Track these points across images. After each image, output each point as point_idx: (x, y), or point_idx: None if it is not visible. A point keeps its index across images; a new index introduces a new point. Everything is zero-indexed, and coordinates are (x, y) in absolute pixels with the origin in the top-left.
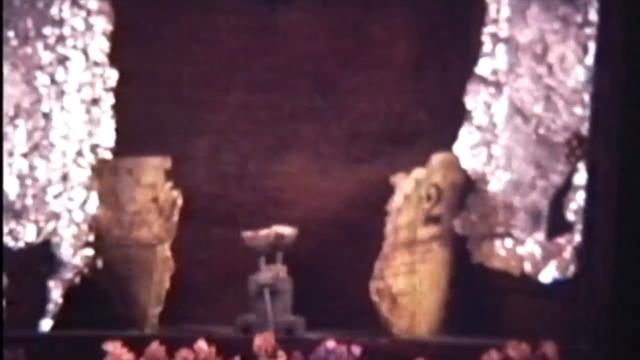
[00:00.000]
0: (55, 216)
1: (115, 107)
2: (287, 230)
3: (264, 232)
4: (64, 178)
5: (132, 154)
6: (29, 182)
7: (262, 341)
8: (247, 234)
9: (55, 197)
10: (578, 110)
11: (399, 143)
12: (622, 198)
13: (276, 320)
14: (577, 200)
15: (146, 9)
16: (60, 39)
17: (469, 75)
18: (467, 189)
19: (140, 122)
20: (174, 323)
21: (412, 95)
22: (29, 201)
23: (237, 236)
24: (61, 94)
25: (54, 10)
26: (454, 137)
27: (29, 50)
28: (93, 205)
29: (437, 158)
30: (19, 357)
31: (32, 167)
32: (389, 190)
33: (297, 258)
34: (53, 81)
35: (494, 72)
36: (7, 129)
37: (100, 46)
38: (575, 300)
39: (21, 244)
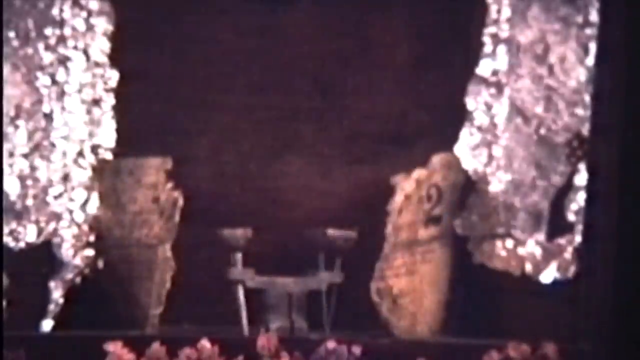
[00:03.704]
0: (56, 217)
1: (116, 108)
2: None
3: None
4: (65, 178)
5: (133, 154)
6: (29, 182)
7: (265, 341)
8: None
9: (56, 197)
10: (579, 111)
11: (400, 143)
12: (622, 198)
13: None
14: (578, 200)
15: (146, 9)
16: (61, 39)
17: (469, 76)
18: (467, 189)
19: (141, 122)
20: (174, 323)
21: (413, 96)
22: (29, 202)
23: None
24: (62, 94)
25: (55, 11)
26: (454, 137)
27: (30, 50)
28: (94, 205)
29: (437, 158)
30: (19, 357)
31: (33, 168)
32: (390, 191)
33: (298, 258)
34: (54, 82)
35: (495, 73)
36: (8, 129)
37: (101, 47)
38: (575, 300)
39: (22, 245)
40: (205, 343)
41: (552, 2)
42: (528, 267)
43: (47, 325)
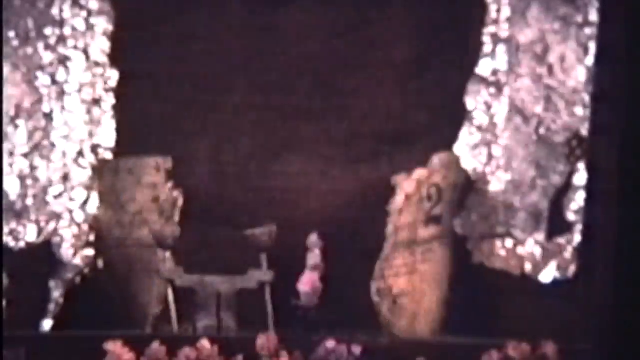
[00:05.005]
0: (56, 216)
1: (115, 108)
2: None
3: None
4: (65, 178)
5: (132, 154)
6: (29, 182)
7: (264, 341)
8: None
9: (56, 197)
10: (578, 111)
11: (400, 143)
12: (622, 198)
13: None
14: (578, 200)
15: (147, 9)
16: (61, 39)
17: (469, 76)
18: (467, 189)
19: (141, 122)
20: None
21: (413, 96)
22: (29, 201)
23: (238, 236)
24: (62, 94)
25: (54, 11)
26: (454, 137)
27: (29, 50)
28: (94, 205)
29: (437, 158)
30: (19, 357)
31: (33, 168)
32: (390, 191)
33: (298, 258)
34: (54, 81)
35: (495, 73)
36: (8, 129)
37: (100, 46)
38: (575, 300)
39: (22, 244)
40: (205, 343)
41: (551, 1)
42: (528, 267)
43: (47, 325)
